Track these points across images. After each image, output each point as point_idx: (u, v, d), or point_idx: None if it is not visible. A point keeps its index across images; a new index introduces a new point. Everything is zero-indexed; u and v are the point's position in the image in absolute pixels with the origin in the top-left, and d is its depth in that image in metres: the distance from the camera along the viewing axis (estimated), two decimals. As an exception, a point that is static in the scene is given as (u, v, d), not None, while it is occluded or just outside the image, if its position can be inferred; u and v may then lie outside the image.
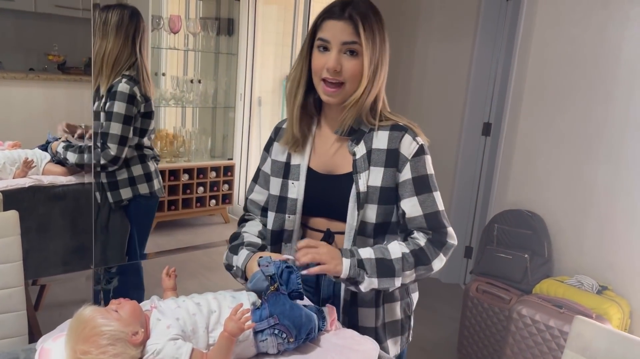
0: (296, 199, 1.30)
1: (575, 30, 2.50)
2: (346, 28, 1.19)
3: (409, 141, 1.24)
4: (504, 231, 2.66)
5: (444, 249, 1.23)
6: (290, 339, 1.06)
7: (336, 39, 1.19)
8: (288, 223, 1.31)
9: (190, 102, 3.46)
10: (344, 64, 1.20)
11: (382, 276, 1.17)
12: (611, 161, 2.39)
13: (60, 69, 2.69)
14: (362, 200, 1.23)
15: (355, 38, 1.19)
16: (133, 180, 2.29)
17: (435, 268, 1.22)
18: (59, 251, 2.29)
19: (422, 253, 1.21)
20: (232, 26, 3.57)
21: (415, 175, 1.23)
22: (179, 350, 0.95)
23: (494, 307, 2.51)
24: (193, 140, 3.44)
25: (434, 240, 1.23)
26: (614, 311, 2.19)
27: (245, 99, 3.68)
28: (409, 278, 1.20)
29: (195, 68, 3.56)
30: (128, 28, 2.21)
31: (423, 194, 1.23)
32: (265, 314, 1.07)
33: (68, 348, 0.95)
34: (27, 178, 2.18)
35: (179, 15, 3.26)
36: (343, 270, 1.15)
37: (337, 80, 1.21)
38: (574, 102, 2.52)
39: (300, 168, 1.31)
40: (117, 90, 2.17)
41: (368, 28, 1.19)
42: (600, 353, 1.18)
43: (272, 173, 1.36)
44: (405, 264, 1.19)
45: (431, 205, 1.23)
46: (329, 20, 1.21)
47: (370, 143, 1.26)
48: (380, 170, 1.24)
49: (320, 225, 1.31)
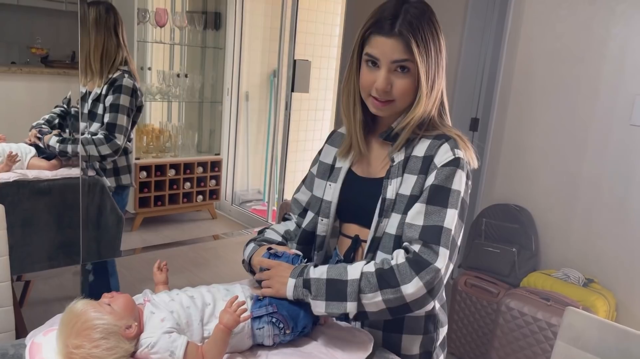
0: (330, 201, 1.23)
1: (561, 26, 2.52)
2: (397, 46, 1.08)
3: (445, 149, 1.12)
4: (491, 225, 2.68)
5: (423, 272, 1.02)
6: (287, 331, 1.05)
7: (386, 57, 1.09)
8: (321, 226, 1.24)
9: (176, 96, 3.43)
10: (394, 82, 1.11)
11: (330, 299, 1.04)
12: (597, 155, 2.42)
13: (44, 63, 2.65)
14: (386, 207, 1.13)
15: (407, 55, 1.09)
16: (117, 170, 2.35)
17: (405, 292, 1.02)
18: (45, 246, 2.26)
19: (390, 274, 1.03)
20: (219, 20, 3.54)
21: (436, 184, 1.09)
22: (174, 343, 0.94)
23: (482, 301, 2.53)
24: (179, 135, 3.41)
25: (414, 259, 1.04)
26: (600, 304, 2.21)
27: (233, 94, 3.66)
28: (371, 301, 1.03)
29: (182, 62, 3.53)
30: (107, 21, 2.27)
31: (435, 205, 1.08)
32: (265, 302, 1.07)
33: (60, 342, 0.93)
34: (12, 172, 2.14)
35: (165, 8, 3.23)
36: (287, 291, 1.07)
37: (386, 99, 1.12)
38: (560, 97, 2.54)
39: (341, 171, 1.25)
40: (122, 84, 2.26)
41: (421, 42, 1.09)
42: (592, 343, 1.19)
43: (318, 175, 1.30)
44: (365, 285, 1.03)
45: (437, 219, 1.07)
46: (377, 36, 1.10)
47: (411, 150, 1.16)
48: (413, 178, 1.13)
49: (351, 231, 1.23)
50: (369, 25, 1.13)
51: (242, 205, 3.83)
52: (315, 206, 1.28)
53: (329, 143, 1.33)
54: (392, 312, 1.06)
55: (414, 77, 1.11)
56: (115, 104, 2.24)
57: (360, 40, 1.15)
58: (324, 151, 1.33)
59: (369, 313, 1.05)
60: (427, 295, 1.04)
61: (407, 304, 1.04)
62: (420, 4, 1.15)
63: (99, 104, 2.27)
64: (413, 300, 1.03)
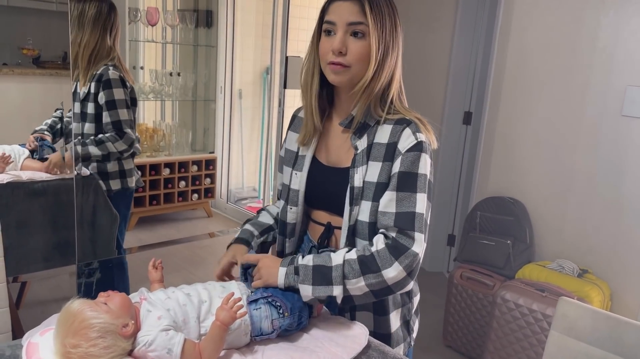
0: (298, 190, 1.27)
1: (552, 18, 2.53)
2: (352, 8, 1.13)
3: (407, 134, 1.15)
4: (486, 218, 2.69)
5: (402, 257, 1.08)
6: (286, 313, 1.06)
7: (341, 19, 1.13)
8: (290, 215, 1.28)
9: (169, 95, 3.42)
10: (349, 46, 1.14)
11: (316, 283, 1.09)
12: (589, 147, 2.43)
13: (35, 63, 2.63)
14: (355, 195, 1.17)
15: (361, 18, 1.13)
16: (124, 172, 2.29)
17: (386, 276, 1.08)
18: (40, 247, 2.25)
19: (371, 260, 1.09)
20: (210, 18, 3.54)
21: (403, 170, 1.13)
22: (171, 340, 0.95)
23: (477, 293, 2.54)
24: (173, 134, 3.41)
25: (393, 245, 1.10)
26: (595, 294, 2.23)
27: (226, 92, 3.65)
28: (355, 286, 1.09)
29: (174, 61, 3.52)
30: (106, 21, 2.20)
31: (404, 192, 1.12)
32: (259, 291, 1.10)
33: (57, 342, 0.93)
34: (5, 174, 2.13)
35: (157, 7, 3.22)
36: (278, 279, 1.11)
37: (342, 62, 1.14)
38: (552, 89, 2.55)
39: (305, 159, 1.27)
40: (109, 78, 2.17)
41: (375, 7, 1.13)
42: (586, 333, 1.20)
43: (285, 162, 1.33)
44: (349, 271, 1.09)
45: (409, 205, 1.11)
46: (335, 1, 1.16)
47: (372, 137, 1.19)
48: (379, 165, 1.16)
49: (322, 218, 1.27)
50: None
51: (237, 203, 3.83)
52: (284, 194, 1.31)
53: (291, 129, 1.35)
54: (376, 294, 1.11)
55: (369, 43, 1.14)
56: (111, 100, 2.17)
57: (321, 12, 1.19)
58: (288, 138, 1.36)
59: (354, 296, 1.11)
60: (407, 277, 1.10)
61: (389, 286, 1.10)
62: None
63: (88, 103, 2.21)
64: (394, 283, 1.10)
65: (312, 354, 1.03)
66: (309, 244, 1.30)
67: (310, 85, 1.23)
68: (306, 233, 1.32)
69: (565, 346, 1.24)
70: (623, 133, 2.32)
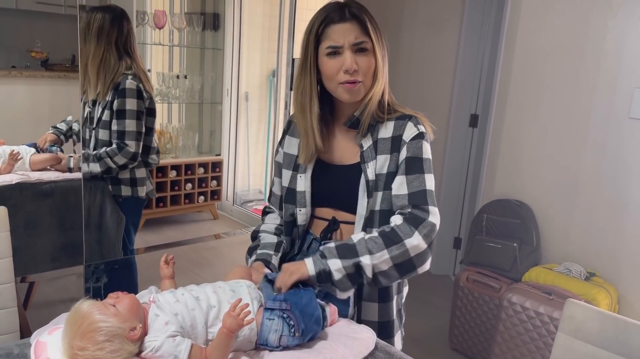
0: (304, 191, 1.31)
1: (559, 20, 2.52)
2: (354, 28, 1.20)
3: (410, 126, 1.25)
4: (492, 221, 2.69)
5: (421, 226, 1.16)
6: (297, 334, 1.04)
7: (346, 41, 1.20)
8: (300, 216, 1.32)
9: (176, 97, 3.44)
10: (358, 63, 1.21)
11: (343, 256, 1.15)
12: (596, 149, 2.42)
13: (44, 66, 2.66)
14: (371, 188, 1.24)
15: (364, 37, 1.20)
16: (135, 181, 2.30)
17: (409, 245, 1.14)
18: (48, 248, 2.27)
19: (392, 233, 1.16)
20: (217, 21, 3.55)
21: (410, 156, 1.22)
22: (178, 347, 0.94)
23: (484, 296, 2.54)
24: (180, 136, 3.42)
25: (410, 217, 1.18)
26: (602, 297, 2.22)
27: (232, 94, 3.67)
28: (380, 259, 1.15)
29: (181, 63, 3.54)
30: (110, 34, 2.20)
31: (413, 174, 1.22)
32: (279, 297, 1.08)
33: (65, 343, 0.93)
34: (14, 174, 2.14)
35: (164, 10, 3.23)
36: (308, 268, 1.15)
37: (355, 79, 1.22)
38: (559, 91, 2.54)
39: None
40: (125, 87, 2.19)
41: (373, 23, 1.22)
42: (593, 335, 1.20)
43: (284, 165, 1.37)
44: (372, 246, 1.15)
45: (419, 184, 1.21)
46: (331, 25, 1.21)
47: (376, 134, 1.27)
48: (387, 157, 1.25)
49: (325, 214, 1.32)
50: (319, 22, 1.22)
51: (243, 205, 3.84)
52: (290, 198, 1.34)
53: (289, 134, 1.39)
54: (399, 269, 1.16)
55: (374, 58, 1.23)
56: (121, 110, 2.18)
57: (315, 38, 1.23)
58: (285, 142, 1.39)
59: (379, 274, 1.16)
60: (427, 249, 1.17)
61: (411, 258, 1.16)
62: (358, 2, 1.26)
63: (105, 110, 2.22)
64: (416, 254, 1.16)
65: (319, 355, 1.03)
66: (310, 238, 1.34)
67: (309, 109, 1.27)
68: (308, 230, 1.35)
69: (572, 348, 1.23)
70: (630, 135, 2.31)
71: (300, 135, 1.31)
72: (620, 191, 2.35)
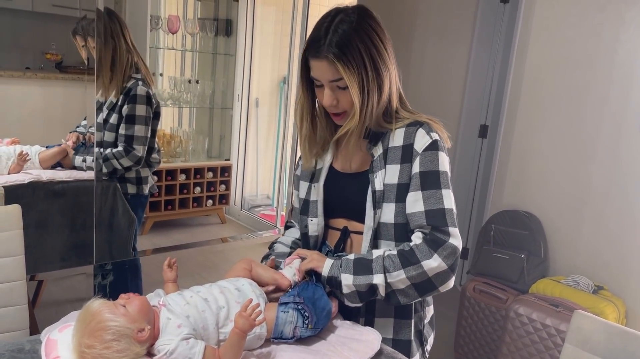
0: (316, 201, 1.29)
1: (571, 33, 2.53)
2: (327, 68, 1.14)
3: (421, 134, 1.19)
4: (500, 231, 2.68)
5: (441, 249, 1.11)
6: (310, 326, 1.07)
7: (323, 77, 1.17)
8: (312, 227, 1.30)
9: (187, 102, 3.47)
10: (338, 98, 1.18)
11: (357, 273, 1.13)
12: (606, 162, 2.42)
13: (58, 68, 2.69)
14: (377, 199, 1.19)
15: (337, 75, 1.14)
16: (140, 179, 2.35)
17: (426, 267, 1.10)
18: (58, 247, 2.29)
19: (411, 254, 1.12)
20: (230, 27, 3.59)
21: (424, 170, 1.16)
22: (192, 349, 0.95)
23: (490, 306, 2.53)
24: (190, 140, 3.45)
25: (430, 239, 1.12)
26: (610, 311, 2.21)
27: (243, 100, 3.69)
28: (396, 279, 1.12)
29: (193, 68, 3.57)
30: (113, 28, 2.24)
31: (429, 190, 1.15)
32: (293, 292, 1.11)
33: (74, 341, 0.94)
34: (26, 174, 2.17)
35: (178, 15, 3.27)
36: (324, 266, 1.16)
37: (338, 111, 1.21)
38: (569, 103, 2.54)
39: (322, 171, 1.31)
40: (136, 93, 2.24)
41: (346, 60, 1.13)
42: (600, 347, 1.20)
43: (302, 178, 1.36)
44: (389, 265, 1.12)
45: (436, 202, 1.14)
46: (312, 59, 1.17)
47: (387, 142, 1.22)
48: (397, 167, 1.19)
49: (339, 224, 1.29)
50: (305, 47, 1.20)
51: (251, 210, 3.85)
52: (304, 209, 1.33)
53: None
54: (418, 288, 1.13)
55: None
56: (131, 115, 2.23)
57: (303, 63, 1.22)
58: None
59: (397, 291, 1.13)
60: (448, 270, 1.12)
61: (430, 278, 1.12)
62: (353, 13, 1.17)
63: (113, 113, 2.26)
64: (435, 274, 1.11)
65: (325, 357, 1.04)
66: (326, 249, 1.31)
67: (300, 127, 1.29)
68: (325, 241, 1.33)
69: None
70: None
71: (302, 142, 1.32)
72: (629, 204, 2.34)
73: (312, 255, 1.21)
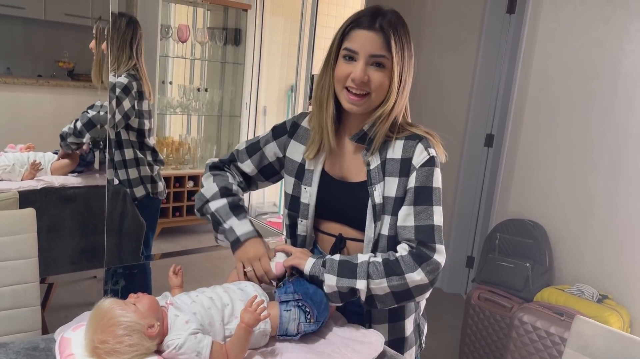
0: (308, 204, 1.29)
1: (576, 44, 2.55)
2: (376, 40, 1.14)
3: (420, 150, 1.20)
4: (505, 240, 2.69)
5: (425, 264, 1.13)
6: (312, 320, 1.11)
7: (364, 50, 1.15)
8: (301, 227, 1.31)
9: (196, 110, 3.51)
10: (371, 75, 1.16)
11: (341, 275, 1.15)
12: (611, 171, 2.43)
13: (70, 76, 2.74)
14: (378, 212, 1.21)
15: (384, 52, 1.15)
16: (144, 179, 2.37)
17: (409, 279, 1.13)
18: (68, 251, 2.33)
19: (395, 264, 1.14)
20: (239, 36, 3.63)
21: (418, 185, 1.18)
22: (200, 343, 0.99)
23: (495, 315, 2.54)
24: (198, 148, 3.48)
25: (416, 253, 1.15)
26: (614, 320, 2.21)
27: (251, 108, 3.73)
28: (378, 286, 1.14)
29: (202, 77, 3.61)
30: (125, 34, 2.28)
31: (421, 205, 1.17)
32: (290, 290, 1.14)
33: (87, 338, 0.98)
34: (39, 180, 2.22)
35: (187, 24, 3.32)
36: (306, 265, 1.18)
37: (363, 91, 1.17)
38: (575, 113, 2.56)
39: (314, 174, 1.29)
40: (115, 82, 2.26)
41: (398, 41, 1.15)
42: (600, 352, 1.21)
43: (286, 171, 1.35)
44: (373, 271, 1.14)
45: (427, 218, 1.17)
46: (357, 29, 1.16)
47: (385, 153, 1.22)
48: (395, 180, 1.20)
49: (332, 229, 1.30)
50: (349, 22, 1.19)
51: (257, 217, 3.88)
52: (294, 206, 1.33)
53: (294, 139, 1.33)
54: (396, 297, 1.16)
55: (389, 74, 1.18)
56: None
57: (340, 35, 1.19)
58: (290, 147, 1.34)
59: (376, 296, 1.16)
60: (429, 284, 1.16)
61: (410, 289, 1.15)
62: (395, 13, 1.20)
63: None
64: (415, 286, 1.15)
65: (329, 358, 1.07)
66: (318, 254, 1.31)
67: (325, 107, 1.23)
68: (316, 245, 1.35)
69: (580, 365, 1.24)
70: (645, 159, 2.32)
71: (314, 130, 1.27)
72: (634, 213, 2.35)
73: (296, 252, 1.22)
